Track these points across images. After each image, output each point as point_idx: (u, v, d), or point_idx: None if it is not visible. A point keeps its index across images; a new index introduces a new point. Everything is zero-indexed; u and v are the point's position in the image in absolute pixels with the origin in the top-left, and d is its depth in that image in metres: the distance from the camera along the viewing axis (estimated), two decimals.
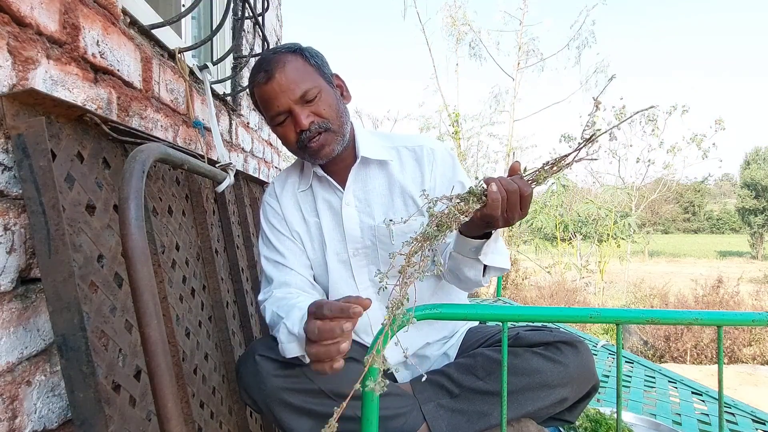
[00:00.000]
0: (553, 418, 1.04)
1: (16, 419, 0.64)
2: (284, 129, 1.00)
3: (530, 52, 11.80)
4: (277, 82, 0.96)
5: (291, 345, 0.88)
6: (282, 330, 0.89)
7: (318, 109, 0.98)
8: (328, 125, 0.99)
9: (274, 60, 0.98)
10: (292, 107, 0.97)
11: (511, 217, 0.78)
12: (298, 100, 0.97)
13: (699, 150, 12.29)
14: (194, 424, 0.99)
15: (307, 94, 0.97)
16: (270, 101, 0.98)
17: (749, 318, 0.78)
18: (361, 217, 1.07)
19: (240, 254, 1.58)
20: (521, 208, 0.78)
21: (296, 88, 0.96)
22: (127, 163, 0.69)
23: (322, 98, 0.98)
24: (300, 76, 0.97)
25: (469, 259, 0.93)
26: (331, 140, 1.00)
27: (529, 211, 0.80)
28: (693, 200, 39.08)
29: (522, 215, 0.79)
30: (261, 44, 2.16)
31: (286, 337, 0.88)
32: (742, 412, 1.84)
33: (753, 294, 9.38)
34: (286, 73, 0.96)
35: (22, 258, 0.68)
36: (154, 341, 0.63)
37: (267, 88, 0.97)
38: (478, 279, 0.96)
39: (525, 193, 0.77)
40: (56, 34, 0.76)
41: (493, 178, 0.78)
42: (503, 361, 0.79)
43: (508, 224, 0.79)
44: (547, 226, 11.10)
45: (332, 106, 1.00)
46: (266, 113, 1.02)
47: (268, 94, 0.98)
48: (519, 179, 0.78)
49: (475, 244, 0.89)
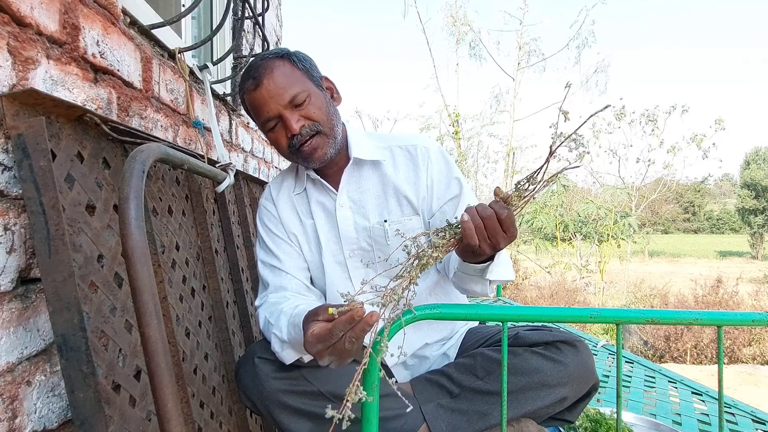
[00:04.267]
0: (553, 417, 1.04)
1: (16, 419, 0.64)
2: (276, 134, 1.01)
3: (531, 51, 11.81)
4: (266, 88, 0.97)
5: (286, 352, 0.90)
6: (273, 340, 0.91)
7: (308, 113, 0.98)
8: (319, 128, 0.99)
9: (261, 66, 0.98)
10: (282, 112, 0.97)
11: (495, 242, 0.76)
12: (287, 105, 0.97)
13: (699, 150, 12.30)
14: (194, 424, 0.99)
15: (296, 99, 0.97)
16: (260, 108, 0.99)
17: (749, 318, 0.78)
18: (356, 218, 1.07)
19: (240, 254, 1.58)
20: (504, 231, 0.76)
21: (284, 93, 0.96)
22: (127, 163, 0.69)
23: (311, 102, 0.99)
24: (288, 81, 0.98)
25: (474, 276, 0.93)
26: (323, 143, 1.00)
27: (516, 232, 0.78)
28: (693, 200, 39.08)
29: (508, 237, 0.77)
30: (261, 44, 2.16)
31: (280, 346, 0.90)
32: (742, 412, 1.84)
33: (753, 294, 9.38)
34: (274, 78, 0.97)
35: (22, 258, 0.68)
36: (154, 341, 0.63)
37: (256, 95, 0.98)
38: (485, 291, 0.97)
39: (502, 216, 0.75)
40: (56, 34, 0.76)
41: (471, 206, 0.77)
42: (503, 361, 0.79)
43: (496, 249, 0.78)
44: (547, 226, 11.10)
45: (322, 108, 1.00)
46: (257, 119, 1.02)
47: (258, 101, 0.98)
48: (495, 203, 0.77)
49: (479, 268, 0.90)
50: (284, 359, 0.91)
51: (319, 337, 0.70)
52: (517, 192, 0.77)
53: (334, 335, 0.68)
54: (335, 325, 0.68)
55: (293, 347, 0.88)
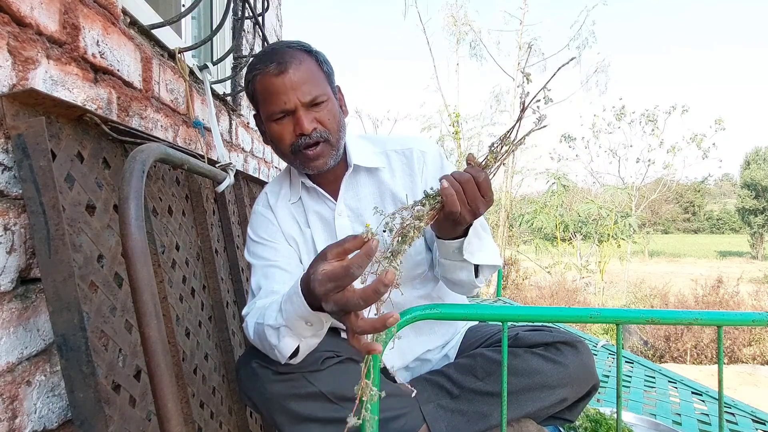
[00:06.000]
0: (553, 417, 1.04)
1: (16, 419, 0.64)
2: (281, 128, 0.95)
3: (531, 51, 11.81)
4: (289, 78, 0.91)
5: (284, 341, 0.82)
6: (269, 333, 0.83)
7: (322, 118, 0.95)
8: (328, 136, 0.96)
9: (288, 54, 0.93)
10: (299, 108, 0.92)
11: (475, 207, 0.77)
12: (306, 102, 0.92)
13: (699, 150, 12.31)
14: (194, 424, 0.99)
15: (316, 99, 0.93)
16: (275, 95, 0.92)
17: (749, 318, 0.79)
18: (354, 227, 1.05)
19: (240, 254, 1.58)
20: (482, 195, 0.77)
21: (309, 90, 0.92)
22: (127, 163, 0.69)
23: (327, 107, 0.95)
24: (313, 79, 0.94)
25: (456, 262, 0.91)
26: (327, 153, 0.97)
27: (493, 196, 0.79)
28: (693, 200, 39.06)
29: (486, 202, 0.78)
30: (261, 44, 2.16)
31: (276, 337, 0.82)
32: (742, 412, 1.84)
33: (753, 294, 9.38)
34: (301, 71, 0.92)
35: (22, 258, 0.68)
36: (154, 341, 0.63)
37: (276, 81, 0.92)
38: (472, 279, 0.94)
39: (479, 179, 0.76)
40: (56, 34, 0.76)
41: (446, 175, 0.77)
42: (503, 362, 0.79)
43: (476, 215, 0.78)
44: (547, 226, 11.11)
45: (335, 117, 0.97)
46: (265, 105, 0.95)
47: (276, 88, 0.92)
48: (470, 168, 0.78)
49: (456, 245, 0.88)
50: (282, 352, 0.83)
51: (332, 275, 0.60)
52: (492, 155, 0.78)
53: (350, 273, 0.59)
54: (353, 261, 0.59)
55: (291, 329, 0.79)
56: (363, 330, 0.60)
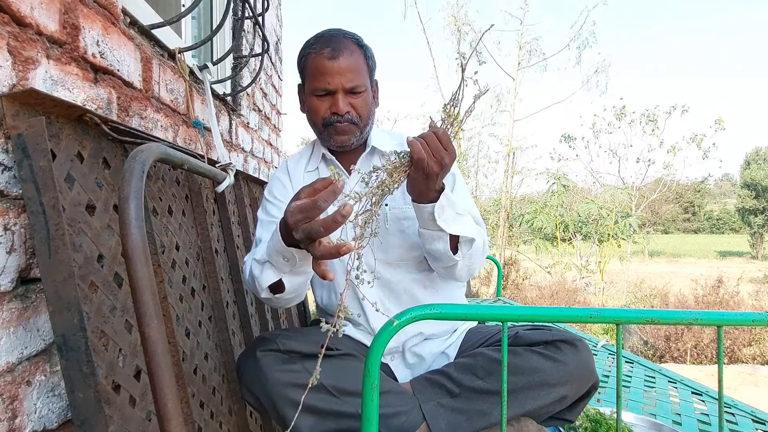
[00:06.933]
0: (553, 417, 1.04)
1: (16, 419, 0.64)
2: (319, 102, 1.07)
3: (532, 51, 11.82)
4: (339, 64, 1.03)
5: (265, 273, 0.92)
6: (254, 266, 0.95)
7: (357, 104, 1.07)
8: (357, 121, 1.09)
9: (342, 43, 1.05)
10: (339, 91, 1.05)
11: (440, 158, 0.86)
12: (347, 88, 1.05)
13: (699, 150, 12.31)
14: (194, 424, 0.99)
15: (356, 88, 1.06)
16: (323, 76, 1.04)
17: (749, 318, 0.78)
18: None
19: (240, 254, 1.58)
20: (444, 147, 0.86)
21: (352, 78, 1.05)
22: (127, 163, 0.69)
23: (363, 97, 1.08)
24: (359, 69, 1.06)
25: (433, 231, 0.97)
26: (353, 132, 1.10)
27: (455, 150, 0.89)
28: (693, 200, 39.03)
29: (450, 156, 0.87)
30: (261, 44, 2.16)
31: (259, 269, 0.93)
32: (742, 412, 1.84)
33: (753, 294, 9.39)
34: (350, 60, 1.05)
35: (22, 258, 0.68)
36: (154, 341, 0.63)
37: (327, 64, 1.04)
38: (447, 250, 0.99)
39: (439, 133, 0.86)
40: (56, 34, 0.76)
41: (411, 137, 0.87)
42: (503, 361, 0.79)
43: (442, 166, 0.86)
44: (547, 226, 11.11)
45: (367, 107, 1.10)
46: (312, 81, 1.07)
47: (326, 69, 1.04)
48: (432, 127, 0.88)
49: (430, 209, 0.94)
50: (262, 284, 0.93)
51: (302, 207, 0.73)
52: (445, 113, 0.91)
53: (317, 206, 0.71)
54: (320, 196, 0.71)
55: (272, 264, 0.90)
56: (322, 255, 0.74)
